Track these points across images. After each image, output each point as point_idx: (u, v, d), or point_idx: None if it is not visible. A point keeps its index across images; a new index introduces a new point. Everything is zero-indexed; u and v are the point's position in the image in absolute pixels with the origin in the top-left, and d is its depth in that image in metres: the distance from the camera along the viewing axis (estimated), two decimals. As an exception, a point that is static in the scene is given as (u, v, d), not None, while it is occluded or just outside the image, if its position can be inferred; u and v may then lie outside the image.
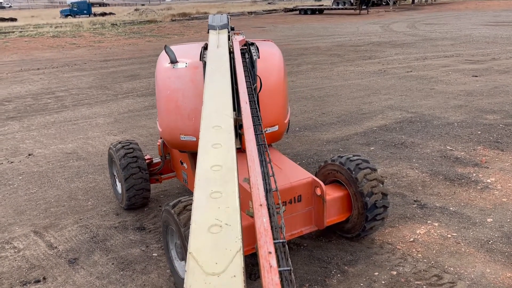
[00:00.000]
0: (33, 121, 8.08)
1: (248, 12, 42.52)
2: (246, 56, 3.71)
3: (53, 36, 26.27)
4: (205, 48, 3.64)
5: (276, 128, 3.86)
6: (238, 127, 3.08)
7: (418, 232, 3.74)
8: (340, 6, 41.63)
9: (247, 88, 2.84)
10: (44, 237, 3.98)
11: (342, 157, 3.62)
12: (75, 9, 48.13)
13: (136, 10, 42.66)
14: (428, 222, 3.90)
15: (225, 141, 1.90)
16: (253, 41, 3.87)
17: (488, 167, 5.05)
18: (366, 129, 6.69)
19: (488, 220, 3.87)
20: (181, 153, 4.11)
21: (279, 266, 1.18)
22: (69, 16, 46.60)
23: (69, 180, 5.29)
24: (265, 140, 2.26)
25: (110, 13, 49.26)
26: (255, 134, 2.08)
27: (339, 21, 31.67)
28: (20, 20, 44.96)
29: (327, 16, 37.18)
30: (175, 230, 2.93)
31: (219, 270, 1.12)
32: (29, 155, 6.27)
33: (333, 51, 16.00)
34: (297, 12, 41.88)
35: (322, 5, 42.91)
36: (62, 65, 15.15)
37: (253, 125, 2.17)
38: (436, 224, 3.85)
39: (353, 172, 3.45)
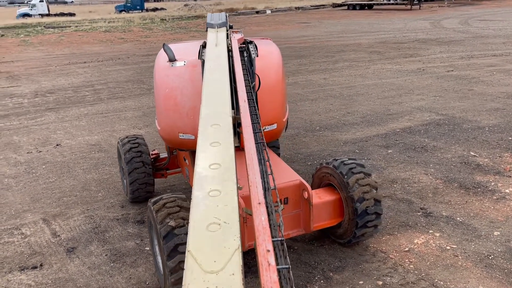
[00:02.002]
0: (68, 113, 8.48)
1: (296, 7, 42.17)
2: (245, 54, 3.68)
3: (105, 31, 27.40)
4: (204, 46, 3.65)
5: (274, 126, 3.83)
6: (237, 125, 3.09)
7: (415, 241, 3.57)
8: (391, 1, 40.24)
9: (245, 86, 2.83)
10: (51, 225, 4.18)
11: (336, 160, 3.53)
12: (129, 4, 49.84)
13: (185, 5, 43.51)
14: (430, 231, 3.71)
15: (223, 140, 1.91)
16: (251, 40, 3.84)
17: (510, 176, 4.72)
18: (389, 131, 6.46)
19: (495, 233, 3.62)
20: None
21: (277, 264, 1.18)
22: (123, 12, 48.33)
23: (87, 171, 5.52)
24: (264, 139, 2.25)
25: (162, 8, 50.59)
26: (253, 133, 2.08)
27: (387, 17, 30.69)
28: (78, 15, 47.22)
29: (376, 12, 36.13)
30: (153, 227, 2.98)
31: (217, 268, 1.13)
32: (57, 145, 6.59)
33: (374, 48, 15.55)
34: (346, 7, 40.99)
35: (372, 0, 41.66)
36: (107, 59, 15.76)
37: (252, 124, 2.17)
38: (437, 235, 3.66)
39: (345, 176, 3.34)
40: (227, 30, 3.96)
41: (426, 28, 21.56)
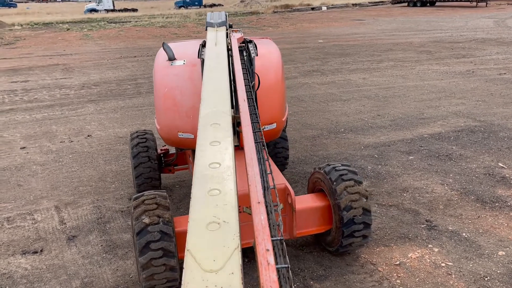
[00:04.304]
0: (107, 105, 8.86)
1: (353, 4, 41.18)
2: (244, 53, 3.66)
3: (161, 26, 28.32)
4: (203, 45, 3.66)
5: (274, 125, 3.79)
6: (236, 124, 3.10)
7: (409, 255, 3.38)
8: (455, -2, 38.20)
9: (245, 85, 2.83)
10: (61, 213, 4.40)
11: (329, 165, 3.41)
12: (188, 0, 51.14)
13: (241, 1, 43.89)
14: (429, 246, 3.50)
15: (223, 139, 1.93)
16: (251, 39, 3.81)
17: (538, 192, 4.34)
18: (416, 136, 6.15)
19: (500, 253, 3.34)
20: None
21: (276, 263, 1.20)
22: (182, 7, 49.70)
23: (108, 162, 5.74)
24: (263, 138, 2.25)
25: (219, 5, 51.44)
26: (253, 132, 2.09)
27: (449, 14, 29.17)
28: (140, 10, 49.21)
29: (438, 9, 34.45)
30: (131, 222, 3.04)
31: (217, 267, 1.14)
32: (88, 136, 6.91)
33: (425, 47, 14.85)
34: (406, 4, 39.40)
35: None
36: (155, 54, 16.23)
37: (251, 123, 2.18)
38: (436, 250, 3.44)
39: (334, 183, 3.23)
40: (226, 29, 3.95)
41: (488, 27, 20.26)
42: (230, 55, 3.45)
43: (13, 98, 9.76)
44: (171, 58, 3.70)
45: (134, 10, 49.41)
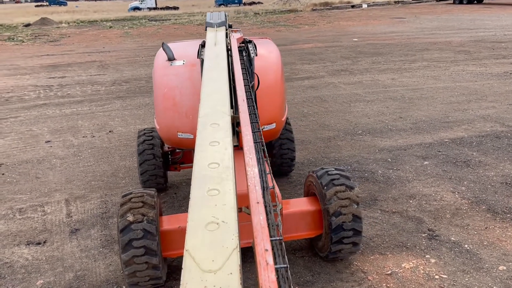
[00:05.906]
0: (133, 102, 9.08)
1: (395, 2, 40.07)
2: (244, 54, 3.65)
3: (199, 24, 28.69)
4: (203, 45, 3.68)
5: (273, 125, 3.77)
6: (236, 124, 3.11)
7: (403, 265, 3.25)
8: (505, -5, 36.38)
9: (244, 86, 2.85)
10: (69, 206, 4.55)
11: (323, 169, 3.34)
12: (228, -2, 51.68)
13: (280, -1, 43.80)
14: (426, 256, 3.35)
15: (222, 139, 1.94)
16: (251, 39, 3.78)
17: (557, 204, 4.06)
18: (436, 140, 5.91)
19: (501, 267, 3.15)
20: None
21: (275, 263, 1.22)
22: (222, 5, 50.16)
23: (123, 158, 5.88)
24: (262, 138, 2.27)
25: (258, 2, 51.49)
26: (252, 132, 2.10)
27: (496, 12, 27.80)
28: (181, 8, 50.06)
29: (485, 6, 32.93)
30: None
31: (215, 267, 1.15)
32: (110, 131, 7.11)
33: (464, 47, 14.24)
34: (451, 1, 37.91)
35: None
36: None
37: (251, 123, 2.20)
38: (433, 261, 3.29)
39: (325, 188, 3.16)
40: (226, 30, 3.94)
41: (537, 26, 19.16)
42: (229, 55, 3.44)
43: (48, 93, 10.19)
44: (171, 58, 3.74)
45: (175, 8, 50.30)
